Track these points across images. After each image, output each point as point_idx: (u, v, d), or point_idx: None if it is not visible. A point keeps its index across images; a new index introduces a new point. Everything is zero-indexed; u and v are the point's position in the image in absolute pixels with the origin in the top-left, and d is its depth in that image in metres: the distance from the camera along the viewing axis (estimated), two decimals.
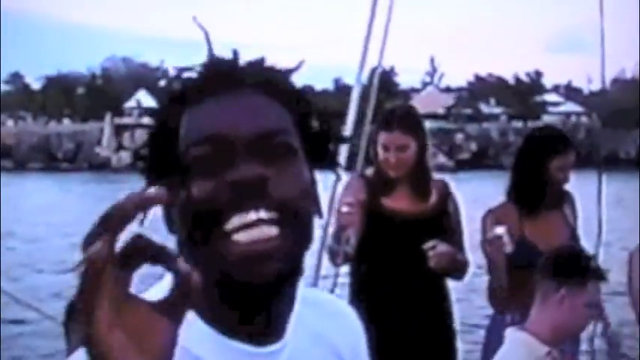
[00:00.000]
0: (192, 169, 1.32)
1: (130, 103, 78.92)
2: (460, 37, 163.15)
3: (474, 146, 76.46)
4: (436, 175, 5.08)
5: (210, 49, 1.41)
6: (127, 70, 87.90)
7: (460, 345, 5.15)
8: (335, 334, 1.51)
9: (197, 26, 1.42)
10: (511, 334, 3.85)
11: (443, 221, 4.94)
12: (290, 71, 1.44)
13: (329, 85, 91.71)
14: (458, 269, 4.94)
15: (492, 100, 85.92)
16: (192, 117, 1.36)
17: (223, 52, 1.42)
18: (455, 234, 4.99)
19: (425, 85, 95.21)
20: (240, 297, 1.31)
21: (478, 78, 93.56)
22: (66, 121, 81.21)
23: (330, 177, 1.55)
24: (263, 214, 1.27)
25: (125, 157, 66.21)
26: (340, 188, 4.89)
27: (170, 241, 1.28)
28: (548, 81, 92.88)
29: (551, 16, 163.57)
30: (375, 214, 4.80)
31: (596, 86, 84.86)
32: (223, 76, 1.38)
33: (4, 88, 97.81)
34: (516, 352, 3.71)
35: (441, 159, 60.58)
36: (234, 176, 1.27)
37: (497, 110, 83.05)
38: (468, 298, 10.94)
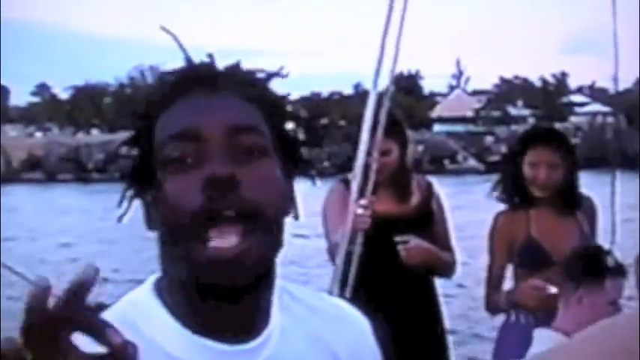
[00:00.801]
0: (165, 167, 1.34)
1: None
2: (475, 40, 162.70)
3: (503, 148, 76.17)
4: (465, 178, 5.16)
5: (186, 55, 1.44)
6: (154, 79, 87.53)
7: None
8: (334, 339, 1.50)
9: (166, 33, 1.48)
10: (539, 333, 3.90)
11: (426, 221, 5.00)
12: (269, 76, 1.49)
13: (350, 91, 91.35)
14: (439, 267, 5.01)
15: (520, 102, 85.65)
16: (166, 117, 1.38)
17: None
18: (439, 233, 5.07)
19: (452, 88, 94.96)
20: (210, 298, 1.33)
21: (504, 80, 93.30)
22: (94, 132, 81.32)
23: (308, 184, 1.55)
24: (232, 213, 1.28)
25: None
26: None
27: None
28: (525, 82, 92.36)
29: (564, 19, 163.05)
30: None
31: (622, 86, 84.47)
32: (198, 79, 1.40)
33: (32, 99, 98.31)
34: (542, 348, 3.71)
35: (471, 162, 60.28)
36: (204, 174, 1.29)
37: (525, 112, 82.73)
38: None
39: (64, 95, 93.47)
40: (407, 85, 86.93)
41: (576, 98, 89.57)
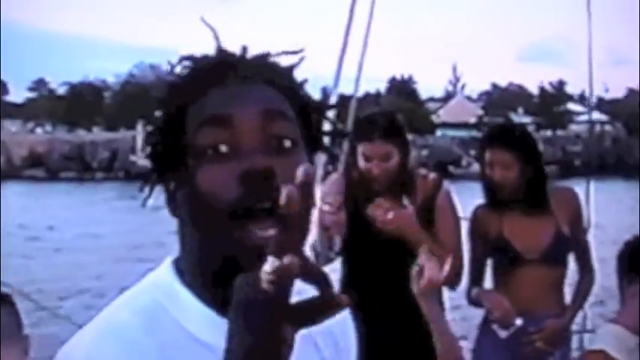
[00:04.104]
0: (198, 155, 1.34)
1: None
2: (432, 47, 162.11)
3: None
4: (470, 184, 5.02)
5: (218, 45, 1.45)
6: (155, 78, 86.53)
7: None
8: (315, 328, 1.39)
9: (206, 26, 1.46)
10: (604, 327, 3.82)
11: (427, 220, 4.66)
12: (292, 67, 1.47)
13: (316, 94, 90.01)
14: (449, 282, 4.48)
15: (520, 109, 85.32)
16: (200, 105, 1.37)
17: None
18: (441, 231, 4.72)
19: (448, 94, 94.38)
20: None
21: (496, 87, 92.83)
22: (95, 129, 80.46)
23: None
24: (269, 205, 1.27)
25: None
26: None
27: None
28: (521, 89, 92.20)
29: (522, 28, 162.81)
30: (356, 220, 4.59)
31: (610, 95, 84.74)
32: (229, 68, 1.41)
33: (29, 95, 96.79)
34: (607, 343, 3.62)
35: (476, 167, 59.87)
36: (242, 167, 1.29)
37: (526, 119, 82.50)
38: None
39: (61, 91, 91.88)
40: (405, 90, 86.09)
41: (574, 107, 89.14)
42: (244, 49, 1.45)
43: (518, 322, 4.74)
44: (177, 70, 1.45)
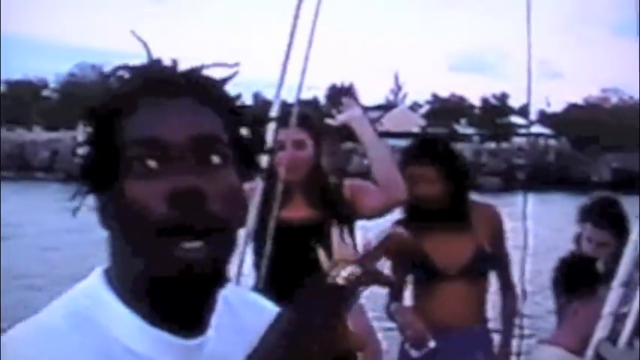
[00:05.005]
0: (127, 170, 1.36)
1: None
2: (365, 54, 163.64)
3: None
4: None
5: (150, 57, 1.47)
6: (96, 78, 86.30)
7: None
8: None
9: (136, 39, 1.47)
10: (542, 350, 3.79)
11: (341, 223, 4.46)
12: (224, 80, 1.48)
13: (248, 100, 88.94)
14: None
15: (463, 121, 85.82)
16: (130, 120, 1.38)
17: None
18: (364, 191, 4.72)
19: (389, 102, 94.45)
20: (167, 297, 1.37)
21: (437, 97, 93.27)
22: (36, 129, 79.73)
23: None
24: (199, 227, 1.32)
25: None
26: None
27: None
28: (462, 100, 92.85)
29: (453, 38, 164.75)
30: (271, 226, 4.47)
31: (555, 108, 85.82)
32: (161, 82, 1.42)
33: None
34: None
35: None
36: (170, 186, 1.32)
37: (469, 131, 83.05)
38: None
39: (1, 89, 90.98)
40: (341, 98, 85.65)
41: (517, 120, 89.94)
42: (175, 62, 1.47)
43: (432, 344, 4.68)
44: (112, 80, 1.46)
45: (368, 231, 4.58)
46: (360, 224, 4.78)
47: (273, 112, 4.36)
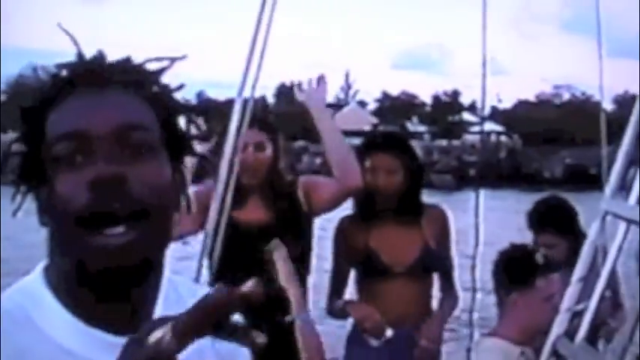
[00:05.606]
0: (55, 165, 1.36)
1: None
2: (312, 52, 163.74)
3: None
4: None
5: (79, 52, 1.46)
6: (45, 78, 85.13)
7: None
8: None
9: (63, 32, 1.47)
10: (482, 342, 3.85)
11: (296, 223, 4.66)
12: (159, 71, 1.48)
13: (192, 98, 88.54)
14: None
15: (415, 118, 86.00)
16: (57, 115, 1.39)
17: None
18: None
19: (339, 100, 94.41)
20: (97, 289, 1.37)
21: (386, 95, 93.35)
22: None
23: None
24: (119, 211, 1.31)
25: None
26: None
27: None
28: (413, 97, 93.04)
29: (396, 36, 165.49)
30: (227, 228, 4.42)
31: (505, 105, 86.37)
32: (89, 75, 1.41)
33: None
34: (491, 358, 3.69)
35: None
36: (92, 175, 1.32)
37: (421, 128, 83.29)
38: None
39: None
40: (293, 96, 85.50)
41: (468, 117, 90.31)
42: (101, 53, 1.46)
43: (389, 333, 4.74)
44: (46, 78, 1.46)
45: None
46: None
47: (236, 111, 4.42)
